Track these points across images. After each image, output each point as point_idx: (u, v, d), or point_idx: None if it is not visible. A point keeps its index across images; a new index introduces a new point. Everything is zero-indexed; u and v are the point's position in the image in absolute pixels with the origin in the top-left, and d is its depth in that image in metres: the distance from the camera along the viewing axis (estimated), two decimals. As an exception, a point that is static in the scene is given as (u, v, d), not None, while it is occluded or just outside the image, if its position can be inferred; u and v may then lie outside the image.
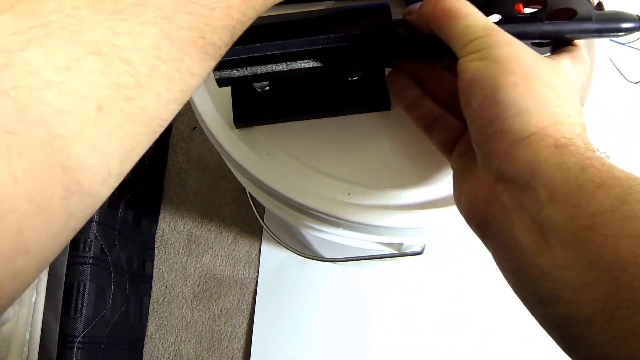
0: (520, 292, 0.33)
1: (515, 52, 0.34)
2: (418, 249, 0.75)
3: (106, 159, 0.25)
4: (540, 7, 0.40)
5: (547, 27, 0.40)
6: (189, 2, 0.27)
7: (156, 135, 0.28)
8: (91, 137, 0.24)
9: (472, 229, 0.38)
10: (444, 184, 0.49)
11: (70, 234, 0.25)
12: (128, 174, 0.81)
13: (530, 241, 0.31)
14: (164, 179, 1.29)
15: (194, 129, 1.30)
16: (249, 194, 0.70)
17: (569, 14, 0.40)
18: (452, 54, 0.38)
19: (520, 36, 0.37)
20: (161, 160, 1.27)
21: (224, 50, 0.30)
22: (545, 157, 0.31)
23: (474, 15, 0.36)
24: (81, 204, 0.25)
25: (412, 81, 0.46)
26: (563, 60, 0.38)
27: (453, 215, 0.48)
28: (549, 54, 0.42)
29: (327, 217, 0.48)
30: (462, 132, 0.42)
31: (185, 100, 0.29)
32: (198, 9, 0.27)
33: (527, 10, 0.42)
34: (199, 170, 1.28)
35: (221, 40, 0.29)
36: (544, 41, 0.42)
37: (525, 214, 0.32)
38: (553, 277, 0.29)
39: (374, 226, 0.48)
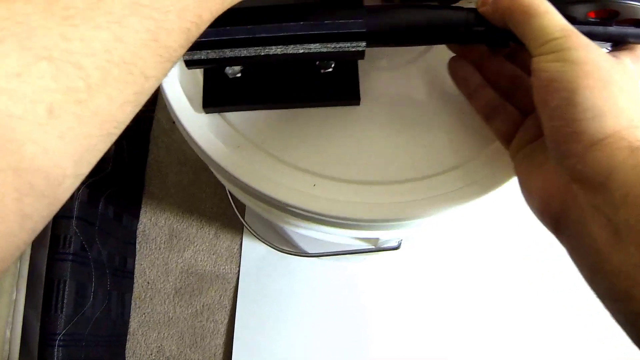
0: (595, 287, 0.34)
1: (592, 55, 0.35)
2: (395, 244, 0.76)
3: (59, 161, 0.25)
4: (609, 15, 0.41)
5: (614, 30, 0.41)
6: (142, 6, 0.27)
7: (114, 138, 0.28)
8: (43, 140, 0.24)
9: (545, 225, 0.39)
10: (411, 181, 0.49)
11: (27, 235, 0.25)
12: (108, 169, 0.80)
13: (605, 240, 0.32)
14: (145, 173, 1.28)
15: (174, 122, 1.29)
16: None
17: (634, 22, 0.41)
18: (518, 41, 0.38)
19: (588, 37, 0.37)
20: (142, 154, 1.27)
21: (180, 52, 0.31)
22: (621, 160, 0.33)
23: (552, 14, 0.37)
24: (37, 206, 0.25)
25: (474, 69, 0.46)
26: (625, 60, 0.39)
27: (416, 211, 0.48)
28: (608, 49, 0.42)
29: (292, 208, 0.48)
30: (521, 121, 0.43)
31: (141, 103, 0.29)
32: (152, 12, 0.27)
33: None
34: (179, 164, 1.28)
35: (176, 43, 0.30)
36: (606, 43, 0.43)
37: (600, 214, 0.33)
38: (627, 276, 0.31)
39: (338, 218, 0.48)
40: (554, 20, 0.36)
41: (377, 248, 0.76)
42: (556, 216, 0.37)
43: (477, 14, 0.42)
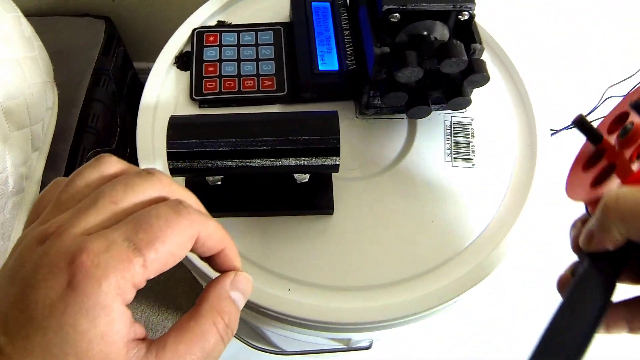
0: None
1: None
2: (366, 344, 0.77)
3: None
4: None
5: None
6: None
7: None
8: None
9: None
10: (382, 287, 0.52)
11: None
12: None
13: None
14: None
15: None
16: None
17: None
18: None
19: None
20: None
21: None
22: None
23: None
24: None
25: None
26: None
27: (387, 316, 0.51)
28: None
29: (267, 311, 0.51)
30: None
31: None
32: None
33: None
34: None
35: None
36: None
37: None
38: None
39: (311, 322, 0.50)
40: None
41: (349, 348, 0.78)
42: None
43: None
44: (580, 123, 0.42)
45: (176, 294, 1.27)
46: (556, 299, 0.35)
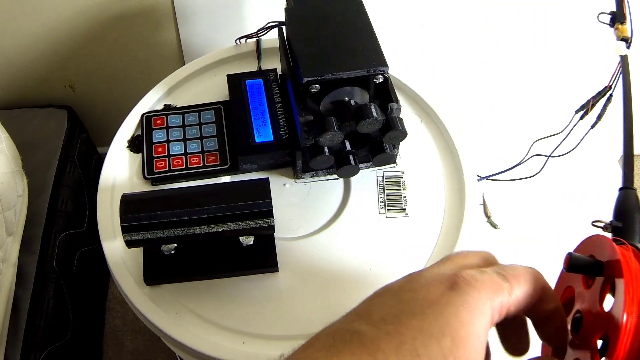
0: None
1: None
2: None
3: None
4: None
5: None
6: None
7: None
8: None
9: None
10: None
11: None
12: (67, 338, 0.84)
13: None
14: (103, 341, 1.32)
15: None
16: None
17: None
18: None
19: None
20: (99, 324, 1.31)
21: None
22: None
23: None
24: None
25: None
26: None
27: None
28: None
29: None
30: None
31: None
32: None
33: None
34: (134, 332, 1.32)
35: None
36: None
37: None
38: None
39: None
40: None
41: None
42: None
43: None
44: (577, 264, 0.38)
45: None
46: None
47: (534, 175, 0.78)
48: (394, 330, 0.33)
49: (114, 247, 0.62)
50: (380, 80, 0.58)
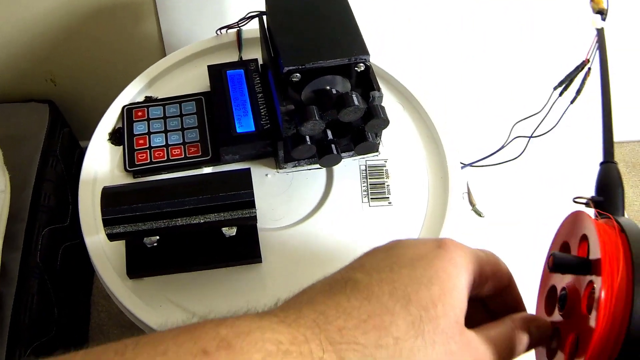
0: None
1: None
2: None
3: None
4: None
5: None
6: None
7: None
8: None
9: None
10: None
11: None
12: (52, 333, 0.84)
13: None
14: (88, 336, 1.31)
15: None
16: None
17: None
18: None
19: None
20: (84, 318, 1.31)
21: None
22: None
23: None
24: None
25: None
26: None
27: None
28: None
29: None
30: None
31: None
32: None
33: None
34: (120, 326, 1.32)
35: None
36: None
37: None
38: None
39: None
40: None
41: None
42: None
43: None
44: (561, 263, 0.38)
45: None
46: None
47: (516, 158, 0.78)
48: (387, 278, 0.36)
49: (97, 240, 0.61)
50: (362, 68, 0.58)
